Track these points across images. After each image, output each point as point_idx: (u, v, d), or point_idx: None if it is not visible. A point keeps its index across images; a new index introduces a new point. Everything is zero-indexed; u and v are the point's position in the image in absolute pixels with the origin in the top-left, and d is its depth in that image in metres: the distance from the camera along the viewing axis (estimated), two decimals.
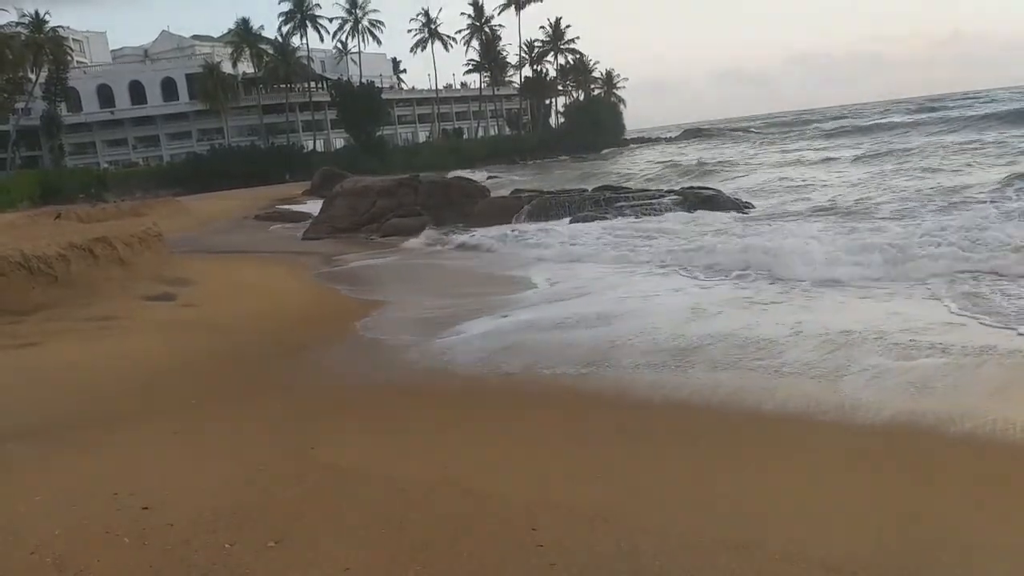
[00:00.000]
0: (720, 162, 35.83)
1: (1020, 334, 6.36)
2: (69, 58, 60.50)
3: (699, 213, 17.24)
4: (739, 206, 18.27)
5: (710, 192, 19.82)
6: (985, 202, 14.41)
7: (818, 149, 39.67)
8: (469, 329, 8.45)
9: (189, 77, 64.88)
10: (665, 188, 22.36)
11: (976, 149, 24.84)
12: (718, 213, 17.34)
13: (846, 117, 75.41)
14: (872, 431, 4.76)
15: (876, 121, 52.77)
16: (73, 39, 64.40)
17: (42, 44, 55.44)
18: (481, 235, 17.55)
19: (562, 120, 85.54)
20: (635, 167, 44.26)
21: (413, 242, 18.46)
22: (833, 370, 5.85)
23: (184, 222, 26.37)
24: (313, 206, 28.20)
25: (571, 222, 17.47)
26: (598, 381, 6.24)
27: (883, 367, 5.79)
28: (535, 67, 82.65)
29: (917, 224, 12.52)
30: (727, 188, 22.12)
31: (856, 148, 34.55)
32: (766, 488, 4.01)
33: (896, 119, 51.63)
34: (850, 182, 22.03)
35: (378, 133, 66.80)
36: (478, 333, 8.21)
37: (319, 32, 68.67)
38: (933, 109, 59.11)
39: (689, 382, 5.93)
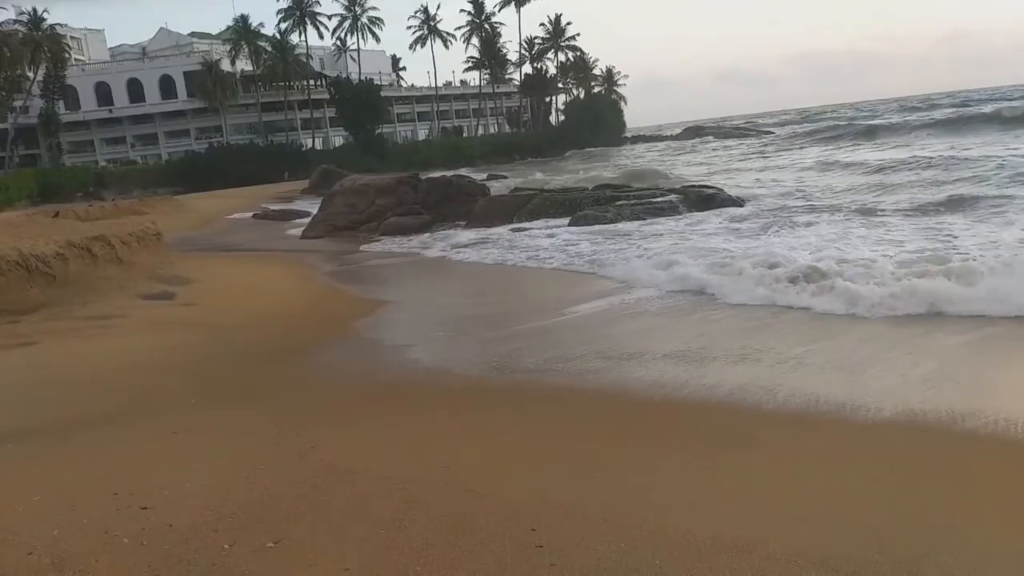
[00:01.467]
0: (728, 166, 35.20)
1: None
2: (67, 56, 60.43)
3: (700, 215, 17.23)
4: (739, 204, 18.29)
5: (711, 191, 19.80)
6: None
7: (822, 148, 39.46)
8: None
9: (187, 75, 64.78)
10: (666, 186, 22.34)
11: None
12: (716, 212, 17.37)
13: (847, 115, 75.17)
14: (873, 430, 4.76)
15: (886, 121, 51.86)
16: (71, 37, 64.28)
17: (40, 42, 55.32)
18: (479, 235, 17.55)
19: (562, 118, 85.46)
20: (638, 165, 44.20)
21: (413, 241, 18.46)
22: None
23: (182, 221, 26.36)
24: (312, 205, 28.18)
25: (571, 223, 17.39)
26: (598, 380, 6.24)
27: None
28: (535, 64, 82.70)
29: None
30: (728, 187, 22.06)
31: (860, 148, 34.21)
32: (766, 488, 4.00)
33: (900, 118, 50.87)
34: (858, 183, 21.61)
35: (377, 131, 66.74)
36: None
37: (318, 29, 68.71)
38: (933, 108, 58.88)
39: (690, 381, 5.93)
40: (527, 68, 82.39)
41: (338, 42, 71.35)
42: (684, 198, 18.68)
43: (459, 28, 77.30)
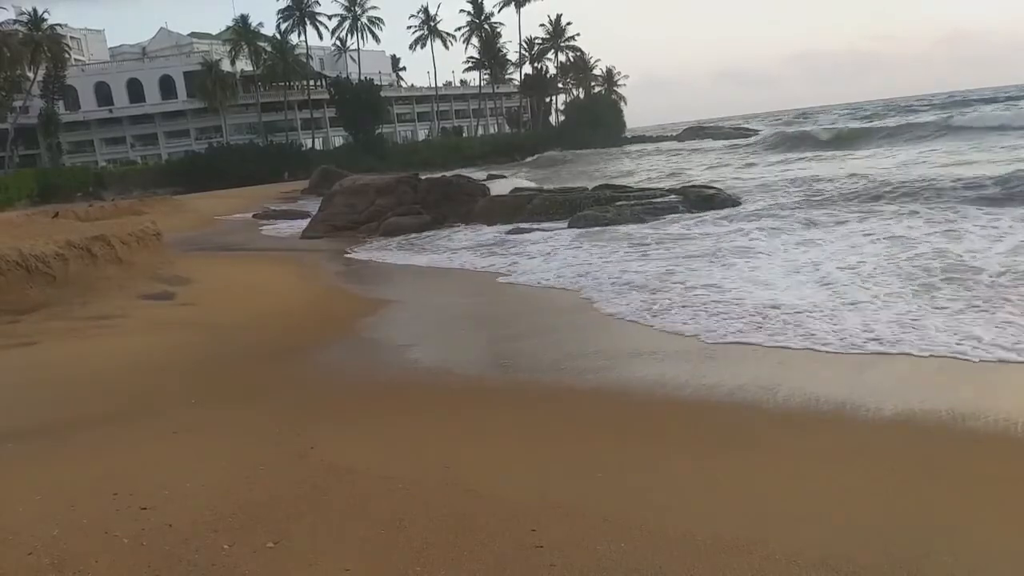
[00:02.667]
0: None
1: None
2: (67, 56, 60.37)
3: (699, 215, 17.22)
4: (736, 203, 18.31)
5: (711, 191, 19.81)
6: None
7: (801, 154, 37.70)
8: None
9: (187, 75, 64.74)
10: (666, 187, 22.34)
11: None
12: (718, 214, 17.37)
13: (834, 117, 73.75)
14: (873, 430, 4.77)
15: (867, 125, 49.30)
16: (71, 37, 64.23)
17: (40, 42, 55.27)
18: (478, 238, 17.54)
19: (562, 118, 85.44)
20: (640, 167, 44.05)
21: (411, 240, 18.46)
22: None
23: (182, 221, 26.35)
24: (312, 205, 28.17)
25: (570, 224, 17.36)
26: (598, 380, 6.25)
27: None
28: (535, 64, 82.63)
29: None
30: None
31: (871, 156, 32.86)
32: (766, 488, 4.00)
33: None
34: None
35: (377, 131, 66.72)
36: None
37: (318, 29, 68.63)
38: (917, 111, 57.18)
39: (691, 381, 5.93)
40: (527, 68, 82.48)
41: (338, 42, 71.33)
42: (684, 199, 18.70)
43: (459, 28, 77.33)
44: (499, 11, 78.11)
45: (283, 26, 66.40)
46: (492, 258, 14.37)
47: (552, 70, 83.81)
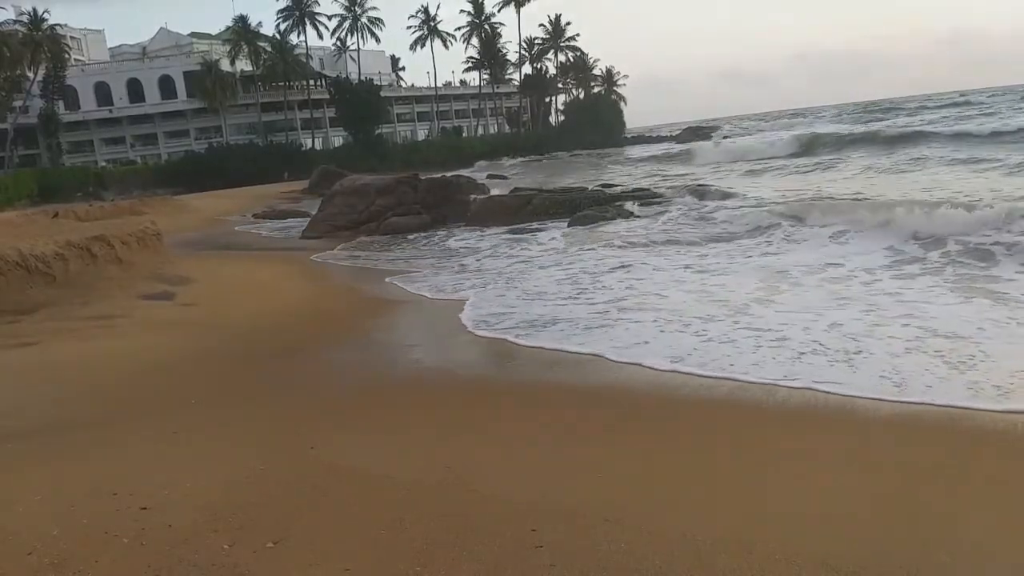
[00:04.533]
0: None
1: None
2: (67, 56, 60.37)
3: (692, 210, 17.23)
4: (729, 197, 18.35)
5: (708, 189, 19.85)
6: None
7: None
8: None
9: (187, 75, 64.71)
10: (666, 186, 22.36)
11: None
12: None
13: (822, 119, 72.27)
14: (873, 430, 4.77)
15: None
16: (71, 37, 64.22)
17: (40, 42, 55.25)
18: (476, 241, 17.54)
19: (562, 118, 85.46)
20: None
21: (410, 240, 18.46)
22: None
23: (182, 221, 26.35)
24: (312, 205, 28.17)
25: (570, 224, 17.37)
26: (599, 380, 6.25)
27: None
28: (535, 65, 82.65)
29: None
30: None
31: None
32: (766, 488, 4.00)
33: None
34: None
35: (377, 131, 66.72)
36: None
37: (318, 29, 68.59)
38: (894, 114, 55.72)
39: (690, 381, 5.94)
40: (527, 68, 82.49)
41: (338, 42, 71.30)
42: (683, 197, 18.76)
43: (459, 28, 77.29)
44: (499, 11, 78.16)
45: (283, 26, 66.45)
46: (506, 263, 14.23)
47: (552, 70, 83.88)
